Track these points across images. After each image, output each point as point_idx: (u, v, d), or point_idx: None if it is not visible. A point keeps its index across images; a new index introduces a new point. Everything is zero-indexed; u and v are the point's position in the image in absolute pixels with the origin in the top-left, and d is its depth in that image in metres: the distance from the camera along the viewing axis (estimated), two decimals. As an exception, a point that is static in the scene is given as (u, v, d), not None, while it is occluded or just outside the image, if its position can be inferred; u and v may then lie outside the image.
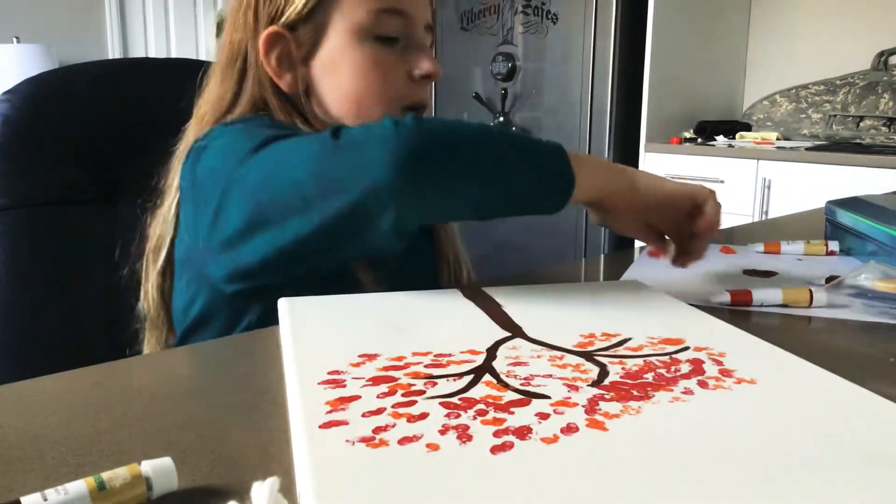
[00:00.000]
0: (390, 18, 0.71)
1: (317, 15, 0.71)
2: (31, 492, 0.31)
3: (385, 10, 0.71)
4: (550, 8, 2.58)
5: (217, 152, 0.65)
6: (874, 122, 2.62)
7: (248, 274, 0.62)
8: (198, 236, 0.65)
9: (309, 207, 0.55)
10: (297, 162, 0.57)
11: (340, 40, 0.71)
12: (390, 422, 0.35)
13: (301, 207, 0.55)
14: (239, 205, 0.59)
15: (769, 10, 2.85)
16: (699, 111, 2.72)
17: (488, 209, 0.59)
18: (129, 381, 0.48)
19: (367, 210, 0.54)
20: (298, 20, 0.71)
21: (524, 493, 0.29)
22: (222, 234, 0.61)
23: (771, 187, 2.31)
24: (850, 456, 0.33)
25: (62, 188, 0.86)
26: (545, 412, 0.36)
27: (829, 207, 0.91)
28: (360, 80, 0.72)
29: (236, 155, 0.61)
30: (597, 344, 0.47)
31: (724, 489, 0.30)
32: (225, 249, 0.61)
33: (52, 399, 0.44)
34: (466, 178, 0.56)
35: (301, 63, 0.72)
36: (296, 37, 0.71)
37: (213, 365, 0.52)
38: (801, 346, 0.48)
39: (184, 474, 0.34)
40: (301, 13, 0.71)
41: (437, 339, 0.47)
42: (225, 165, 0.62)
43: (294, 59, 0.72)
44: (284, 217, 0.56)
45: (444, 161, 0.54)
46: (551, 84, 2.63)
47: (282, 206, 0.57)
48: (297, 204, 0.55)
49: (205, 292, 0.68)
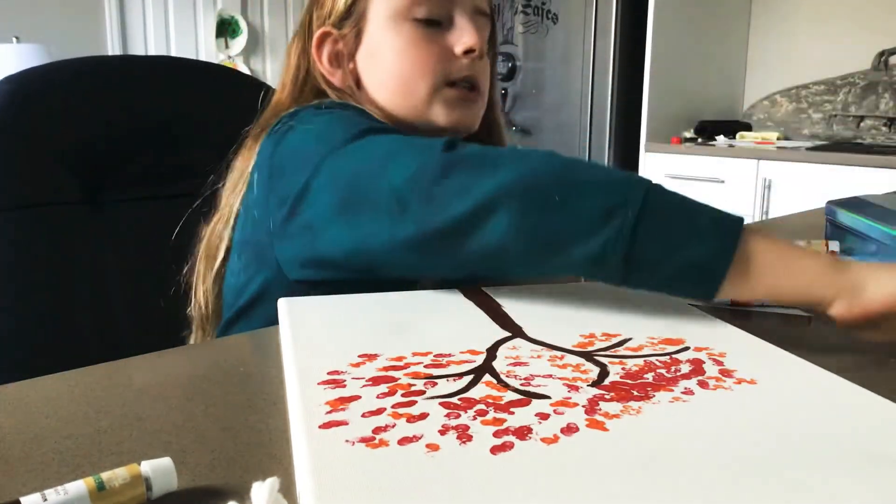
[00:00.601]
0: (428, 2, 0.72)
1: (356, 8, 0.73)
2: (31, 492, 0.31)
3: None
4: (550, 8, 2.58)
5: (306, 135, 0.64)
6: (874, 122, 2.62)
7: (326, 264, 0.60)
8: (269, 216, 0.63)
9: (404, 214, 0.53)
10: (400, 164, 0.55)
11: (380, 27, 0.73)
12: (390, 422, 0.35)
13: (396, 212, 0.53)
14: (328, 191, 0.58)
15: (769, 10, 2.85)
16: (699, 111, 2.72)
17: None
18: (129, 381, 0.48)
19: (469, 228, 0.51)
20: (341, 17, 0.74)
21: (524, 493, 0.29)
22: (304, 216, 0.59)
23: (771, 187, 2.31)
24: (850, 456, 0.33)
25: (47, 190, 0.85)
26: (545, 412, 0.36)
27: (829, 207, 0.91)
28: (401, 60, 0.73)
29: (328, 141, 0.60)
30: (597, 344, 0.47)
31: (724, 489, 0.30)
32: (302, 231, 0.60)
33: (52, 399, 0.44)
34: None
35: (349, 58, 0.75)
36: (342, 33, 0.74)
37: (213, 365, 0.52)
38: (801, 346, 0.48)
39: (184, 474, 0.34)
40: (342, 10, 0.74)
41: (437, 339, 0.47)
42: (315, 149, 0.60)
43: (342, 55, 0.75)
44: (375, 217, 0.55)
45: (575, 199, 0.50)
46: (551, 84, 2.63)
47: (375, 204, 0.55)
48: (394, 208, 0.54)
49: (263, 274, 0.67)
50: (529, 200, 0.50)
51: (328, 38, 0.75)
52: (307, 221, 0.59)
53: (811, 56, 2.77)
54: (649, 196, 0.50)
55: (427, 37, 0.73)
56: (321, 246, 0.59)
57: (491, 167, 0.52)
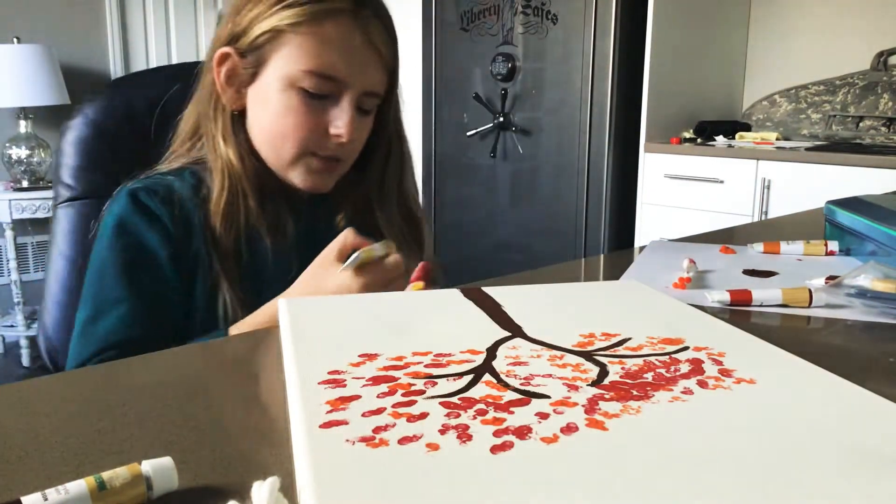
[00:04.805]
0: (321, 80, 0.77)
1: (261, 51, 0.77)
2: (31, 491, 0.31)
3: (317, 73, 0.76)
4: (550, 8, 2.58)
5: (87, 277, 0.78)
6: (874, 123, 2.62)
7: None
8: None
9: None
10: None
11: (272, 81, 0.78)
12: (390, 421, 0.35)
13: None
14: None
15: (769, 10, 2.85)
16: (699, 111, 2.72)
17: None
18: (129, 381, 0.48)
19: None
20: (249, 49, 0.78)
21: (524, 493, 0.29)
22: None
23: (770, 187, 2.31)
24: (850, 456, 0.33)
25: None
26: (545, 412, 0.36)
27: (828, 207, 0.91)
28: (278, 121, 0.78)
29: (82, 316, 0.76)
30: (596, 344, 0.47)
31: (724, 489, 0.30)
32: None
33: (52, 399, 0.44)
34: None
35: (241, 85, 0.80)
36: (242, 62, 0.79)
37: (213, 365, 0.52)
38: (801, 346, 0.48)
39: (184, 474, 0.34)
40: (252, 44, 0.78)
41: (437, 339, 0.47)
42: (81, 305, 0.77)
43: (237, 79, 0.80)
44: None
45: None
46: (551, 84, 2.63)
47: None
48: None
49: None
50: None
51: (229, 58, 0.78)
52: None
53: (810, 56, 2.77)
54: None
55: (308, 108, 0.78)
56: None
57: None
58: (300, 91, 0.76)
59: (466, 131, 2.84)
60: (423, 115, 2.93)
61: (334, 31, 0.76)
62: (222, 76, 0.79)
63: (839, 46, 2.70)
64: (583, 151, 2.57)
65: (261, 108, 0.79)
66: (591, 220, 2.59)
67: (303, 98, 0.77)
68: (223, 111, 0.80)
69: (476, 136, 2.82)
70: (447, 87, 2.89)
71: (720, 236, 1.00)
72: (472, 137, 2.83)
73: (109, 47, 3.30)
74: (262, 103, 0.79)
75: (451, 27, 2.85)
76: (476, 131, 2.82)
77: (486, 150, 2.79)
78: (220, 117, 0.80)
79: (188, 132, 0.84)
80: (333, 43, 0.76)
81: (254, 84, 0.79)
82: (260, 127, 0.80)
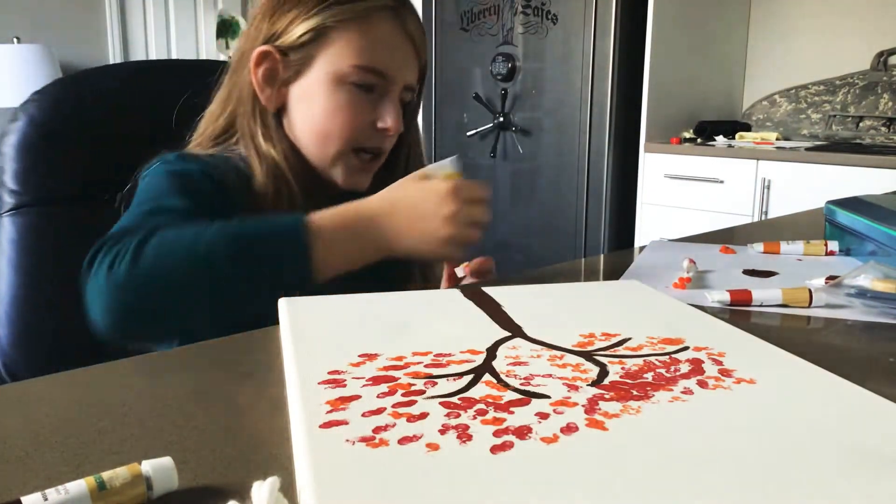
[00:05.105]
0: (369, 75, 0.78)
1: (308, 49, 0.78)
2: (31, 491, 0.31)
3: (366, 68, 0.77)
4: (550, 8, 2.58)
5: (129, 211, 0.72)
6: (874, 123, 2.62)
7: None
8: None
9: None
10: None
11: (321, 78, 0.78)
12: (390, 421, 0.35)
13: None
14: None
15: (769, 10, 2.85)
16: (699, 111, 2.72)
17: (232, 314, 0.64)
18: (130, 381, 0.48)
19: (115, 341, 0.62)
20: (291, 47, 0.78)
21: (524, 493, 0.29)
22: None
23: (770, 187, 2.31)
24: (850, 456, 0.33)
25: (81, 186, 0.88)
26: (545, 412, 0.36)
27: (828, 207, 0.91)
28: (329, 119, 0.79)
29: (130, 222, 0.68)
30: (596, 344, 0.47)
31: (724, 489, 0.30)
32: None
33: (52, 399, 0.44)
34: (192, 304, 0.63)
35: (282, 84, 0.79)
36: (284, 60, 0.78)
37: (213, 365, 0.52)
38: (801, 346, 0.48)
39: (184, 474, 0.34)
40: (295, 43, 0.77)
41: (437, 339, 0.47)
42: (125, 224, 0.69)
43: (277, 78, 0.79)
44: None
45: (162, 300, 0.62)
46: (551, 84, 2.63)
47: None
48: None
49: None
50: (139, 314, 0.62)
51: (269, 56, 0.78)
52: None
53: (810, 56, 2.77)
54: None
55: (357, 104, 0.79)
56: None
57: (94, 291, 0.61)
58: (349, 87, 0.78)
59: (466, 131, 2.84)
60: (423, 114, 2.94)
61: (380, 27, 0.78)
62: (260, 75, 0.78)
63: (839, 46, 2.70)
64: (583, 151, 2.57)
65: (306, 106, 0.79)
66: (591, 220, 2.59)
67: (352, 93, 0.78)
68: (263, 111, 0.80)
69: (476, 136, 2.82)
70: (447, 87, 2.89)
71: (720, 236, 1.00)
72: (472, 137, 2.83)
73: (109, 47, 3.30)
74: (307, 100, 0.79)
75: (451, 27, 2.85)
76: (476, 131, 2.82)
77: (486, 150, 2.79)
78: (261, 117, 0.80)
79: (216, 132, 0.82)
80: (380, 38, 0.78)
81: (297, 82, 0.79)
82: (305, 124, 0.80)
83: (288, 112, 0.81)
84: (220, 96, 0.83)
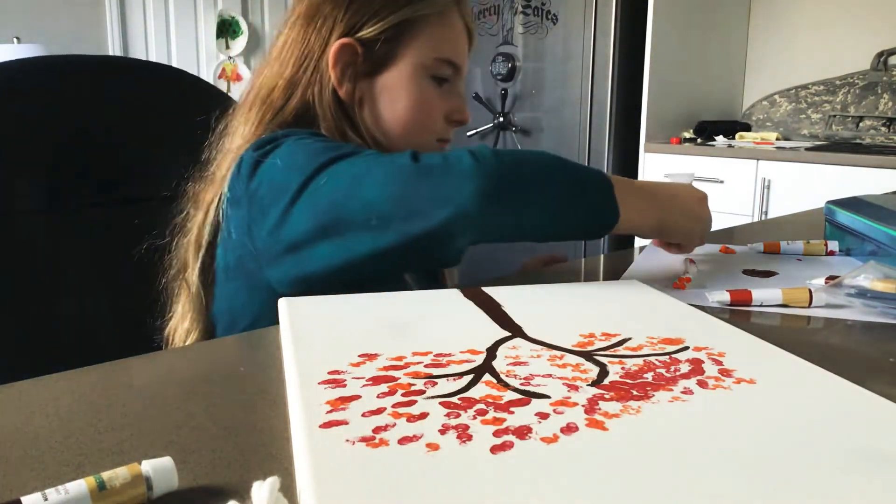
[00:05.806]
0: (446, 66, 0.80)
1: (393, 42, 0.78)
2: (31, 492, 0.31)
3: (444, 60, 0.80)
4: (550, 8, 2.58)
5: (277, 168, 0.66)
6: (874, 123, 2.62)
7: (312, 280, 0.63)
8: (254, 241, 0.67)
9: (386, 227, 0.59)
10: (373, 182, 0.60)
11: (406, 71, 0.78)
12: (390, 421, 0.35)
13: (377, 226, 0.59)
14: (308, 214, 0.62)
15: (769, 9, 2.85)
16: (699, 111, 2.72)
17: (544, 235, 0.65)
18: (129, 381, 0.48)
19: (448, 234, 0.59)
20: (375, 40, 0.77)
21: (524, 493, 0.29)
22: (287, 238, 0.63)
23: (770, 187, 2.31)
24: (850, 456, 0.33)
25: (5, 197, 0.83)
26: (545, 412, 0.36)
27: (828, 207, 0.91)
28: (413, 111, 0.79)
29: (301, 170, 0.63)
30: (596, 344, 0.47)
31: (724, 489, 0.30)
32: (288, 253, 0.63)
33: (52, 399, 0.44)
34: (534, 207, 0.62)
35: (363, 77, 0.78)
36: (367, 53, 0.77)
37: (213, 365, 0.52)
38: (801, 346, 0.48)
39: (184, 474, 0.34)
40: (379, 35, 0.77)
41: (437, 338, 0.47)
42: (288, 179, 0.63)
43: (357, 71, 0.78)
44: (357, 232, 0.59)
45: (518, 192, 0.61)
46: (551, 84, 2.63)
47: (355, 222, 0.60)
48: (374, 222, 0.59)
49: (260, 297, 0.69)
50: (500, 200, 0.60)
51: (349, 49, 0.76)
52: (291, 242, 0.63)
53: (810, 56, 2.77)
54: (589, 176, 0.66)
55: (437, 95, 0.80)
56: (308, 266, 0.62)
57: (458, 174, 0.59)
58: (430, 79, 0.79)
59: (466, 131, 2.84)
60: (423, 115, 2.93)
61: (454, 19, 0.81)
62: (338, 69, 0.77)
63: (839, 46, 2.70)
64: (583, 151, 2.57)
65: (389, 99, 0.79)
66: (591, 220, 2.59)
67: (433, 86, 0.80)
68: (345, 105, 0.79)
69: (476, 136, 2.82)
70: (447, 88, 2.89)
71: (720, 236, 1.00)
72: (472, 137, 2.83)
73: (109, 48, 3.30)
74: (390, 93, 0.79)
75: (451, 27, 2.84)
76: (476, 131, 2.82)
77: (486, 150, 2.79)
78: (344, 111, 0.78)
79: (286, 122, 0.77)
80: (455, 30, 0.81)
81: (381, 75, 0.78)
82: (388, 116, 0.79)
83: (369, 105, 0.79)
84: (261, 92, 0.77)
